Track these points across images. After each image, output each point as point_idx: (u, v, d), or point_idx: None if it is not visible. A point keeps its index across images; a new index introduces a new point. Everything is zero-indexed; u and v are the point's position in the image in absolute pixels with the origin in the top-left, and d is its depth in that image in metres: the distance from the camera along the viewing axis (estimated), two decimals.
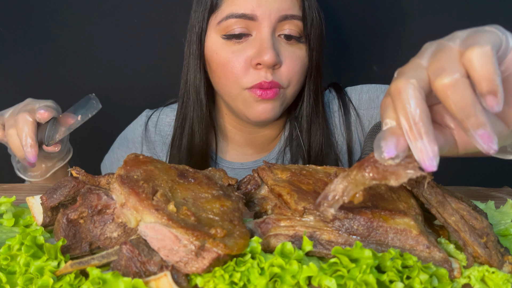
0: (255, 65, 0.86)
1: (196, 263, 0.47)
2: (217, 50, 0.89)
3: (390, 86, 0.42)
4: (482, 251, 0.51)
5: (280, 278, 0.46)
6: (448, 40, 0.44)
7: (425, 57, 0.43)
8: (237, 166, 1.04)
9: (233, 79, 0.88)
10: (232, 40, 0.87)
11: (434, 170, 0.40)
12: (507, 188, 0.89)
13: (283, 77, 0.88)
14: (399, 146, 0.40)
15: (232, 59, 0.87)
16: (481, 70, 0.39)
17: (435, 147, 0.39)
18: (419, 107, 0.40)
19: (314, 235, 0.52)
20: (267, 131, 1.03)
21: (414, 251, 0.52)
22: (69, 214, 0.53)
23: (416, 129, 0.39)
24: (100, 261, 0.49)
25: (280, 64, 0.87)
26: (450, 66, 0.40)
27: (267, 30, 0.85)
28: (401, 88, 0.40)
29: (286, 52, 0.88)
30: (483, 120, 0.39)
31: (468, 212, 0.54)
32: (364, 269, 0.45)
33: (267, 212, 0.58)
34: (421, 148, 0.39)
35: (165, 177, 0.55)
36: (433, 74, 0.41)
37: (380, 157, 0.41)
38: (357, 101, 1.05)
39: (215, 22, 0.88)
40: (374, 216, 0.52)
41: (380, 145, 0.41)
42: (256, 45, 0.86)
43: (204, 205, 0.52)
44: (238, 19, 0.85)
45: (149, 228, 0.48)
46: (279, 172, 0.60)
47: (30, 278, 0.47)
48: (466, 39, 0.42)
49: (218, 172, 0.61)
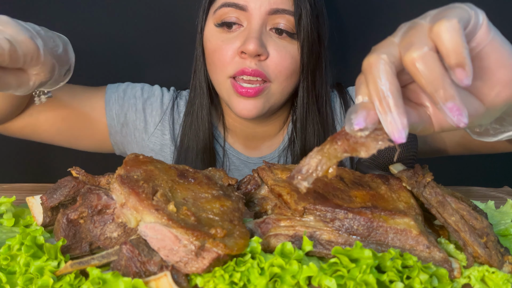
0: (240, 53, 0.88)
1: (196, 263, 0.47)
2: (210, 37, 0.92)
3: (363, 62, 0.43)
4: (482, 251, 0.51)
5: (280, 278, 0.46)
6: (420, 18, 0.45)
7: (398, 35, 0.44)
8: (244, 158, 1.05)
9: (220, 66, 0.90)
10: (224, 29, 0.90)
11: (403, 141, 0.40)
12: (507, 188, 0.89)
13: (270, 69, 0.88)
14: (369, 119, 0.41)
15: (221, 46, 0.89)
16: (448, 42, 0.40)
17: (404, 120, 0.40)
18: (389, 81, 0.40)
19: (314, 235, 0.52)
20: (266, 127, 1.03)
21: (414, 251, 0.52)
22: (69, 214, 0.53)
23: (385, 102, 0.40)
24: (100, 261, 0.49)
25: (266, 55, 0.88)
26: (419, 40, 0.41)
27: (257, 21, 0.87)
28: (372, 64, 0.42)
29: (275, 45, 0.88)
30: (452, 92, 0.40)
31: (468, 212, 0.54)
32: (364, 269, 0.45)
33: (267, 212, 0.58)
34: (391, 121, 0.40)
35: (165, 177, 0.55)
36: (403, 49, 0.42)
37: (350, 129, 0.42)
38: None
39: (212, 11, 0.92)
40: (374, 216, 0.52)
41: (350, 118, 0.42)
42: (244, 35, 0.88)
43: (204, 205, 0.52)
44: (231, 8, 0.88)
45: (149, 228, 0.48)
46: (279, 172, 0.60)
47: (30, 278, 0.47)
48: (435, 15, 0.44)
49: (218, 172, 0.61)
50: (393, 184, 0.59)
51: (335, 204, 0.53)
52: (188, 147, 1.01)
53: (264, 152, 1.06)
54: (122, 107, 1.02)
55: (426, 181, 0.56)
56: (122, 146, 1.06)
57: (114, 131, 1.03)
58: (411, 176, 0.58)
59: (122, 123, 1.02)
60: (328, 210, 0.53)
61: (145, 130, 1.04)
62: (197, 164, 1.00)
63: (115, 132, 1.03)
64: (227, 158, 1.04)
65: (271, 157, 1.05)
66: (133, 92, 1.04)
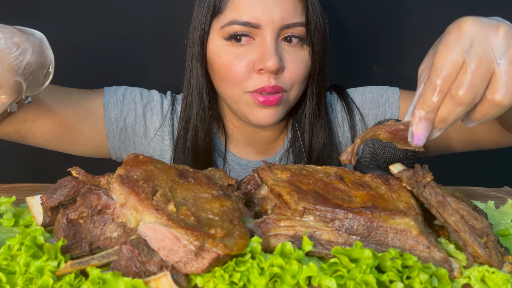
0: (258, 70, 0.86)
1: (195, 263, 0.47)
2: (219, 53, 0.89)
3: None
4: (482, 251, 0.51)
5: (280, 278, 0.46)
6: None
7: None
8: (244, 163, 1.05)
9: (236, 82, 0.88)
10: (233, 42, 0.88)
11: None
12: (507, 188, 0.89)
13: (286, 81, 0.88)
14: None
15: (235, 62, 0.87)
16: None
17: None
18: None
19: (314, 235, 0.52)
20: (268, 132, 1.03)
21: (414, 251, 0.52)
22: (69, 214, 0.53)
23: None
24: (100, 261, 0.49)
25: (283, 69, 0.87)
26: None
27: (271, 37, 0.85)
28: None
29: (289, 56, 0.88)
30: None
31: (468, 212, 0.54)
32: (364, 269, 0.45)
33: (267, 212, 0.58)
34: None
35: (165, 177, 0.55)
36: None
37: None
38: (361, 101, 1.06)
39: (218, 27, 0.89)
40: (374, 216, 0.52)
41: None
42: (259, 50, 0.86)
43: (204, 205, 0.52)
44: (241, 26, 0.86)
45: (149, 228, 0.48)
46: (279, 172, 0.60)
47: (30, 278, 0.47)
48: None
49: (218, 172, 0.61)
50: (393, 184, 0.59)
51: (335, 204, 0.53)
52: (184, 158, 0.99)
53: (265, 156, 1.06)
54: (121, 111, 1.00)
55: (426, 181, 0.56)
56: (119, 151, 1.04)
57: (112, 135, 1.00)
58: (411, 176, 0.58)
59: (121, 127, 1.00)
60: (328, 210, 0.53)
61: (144, 135, 1.02)
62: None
63: (113, 137, 1.01)
64: (227, 165, 1.04)
65: (272, 160, 1.05)
66: (132, 96, 1.02)
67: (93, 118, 0.98)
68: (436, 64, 0.51)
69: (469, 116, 0.54)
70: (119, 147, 1.03)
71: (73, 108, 0.94)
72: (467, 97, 0.49)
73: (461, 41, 0.50)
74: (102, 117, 0.98)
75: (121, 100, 1.00)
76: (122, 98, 1.00)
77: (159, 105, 1.03)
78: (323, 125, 0.99)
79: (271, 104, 0.88)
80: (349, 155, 0.56)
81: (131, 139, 1.02)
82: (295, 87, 0.91)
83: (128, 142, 1.03)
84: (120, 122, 1.00)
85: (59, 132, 0.94)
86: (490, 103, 0.50)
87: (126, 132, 1.01)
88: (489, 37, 0.49)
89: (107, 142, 1.01)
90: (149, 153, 1.03)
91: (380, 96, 1.05)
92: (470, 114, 0.53)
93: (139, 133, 1.02)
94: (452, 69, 0.50)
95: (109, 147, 1.02)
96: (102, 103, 0.99)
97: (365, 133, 0.56)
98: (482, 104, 0.51)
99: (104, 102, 0.99)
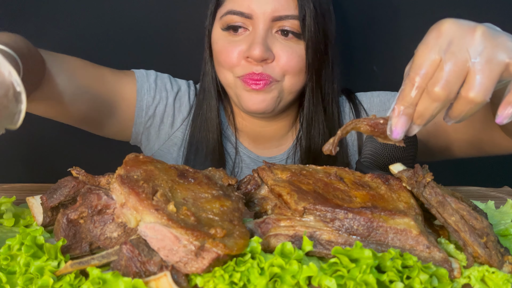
0: (246, 58, 0.90)
1: (195, 263, 0.47)
2: (217, 40, 0.95)
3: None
4: (482, 251, 0.51)
5: (280, 278, 0.46)
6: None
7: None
8: (254, 156, 1.06)
9: (227, 67, 0.93)
10: (230, 32, 0.93)
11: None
12: (507, 188, 0.89)
13: (276, 70, 0.91)
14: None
15: (228, 48, 0.92)
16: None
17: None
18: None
19: (314, 235, 0.52)
20: (274, 126, 1.04)
21: (414, 251, 0.52)
22: (69, 214, 0.53)
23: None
24: (100, 261, 0.49)
25: (272, 58, 0.91)
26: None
27: (262, 27, 0.89)
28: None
29: (281, 46, 0.91)
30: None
31: (468, 212, 0.54)
32: (364, 269, 0.45)
33: (267, 212, 0.58)
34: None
35: (165, 177, 0.55)
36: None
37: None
38: (368, 104, 1.08)
39: (219, 16, 0.94)
40: (374, 216, 0.52)
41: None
42: (249, 39, 0.90)
43: (204, 205, 0.52)
44: (236, 16, 0.91)
45: (149, 228, 0.48)
46: (279, 172, 0.60)
47: (30, 278, 0.47)
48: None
49: (218, 172, 0.61)
50: (393, 184, 0.59)
51: (335, 204, 0.53)
52: (197, 149, 1.02)
53: (273, 153, 1.07)
54: (153, 99, 1.02)
55: (426, 181, 0.56)
56: (141, 136, 1.05)
57: (139, 121, 1.02)
58: (411, 176, 0.58)
59: (150, 115, 1.02)
60: (328, 210, 0.53)
61: (171, 125, 1.04)
62: (206, 166, 0.99)
63: (139, 123, 1.02)
64: (239, 156, 1.05)
65: (280, 158, 1.06)
66: (163, 84, 1.04)
67: (125, 104, 0.99)
68: (415, 62, 0.53)
69: (447, 113, 0.56)
70: (143, 132, 1.04)
71: (107, 94, 0.95)
72: (442, 93, 0.51)
73: (439, 41, 0.52)
74: (133, 103, 1.00)
75: (154, 88, 1.02)
76: (155, 85, 1.02)
77: (187, 95, 1.06)
78: (321, 122, 1.00)
79: (259, 89, 0.91)
80: (330, 145, 0.58)
81: (157, 127, 1.04)
82: (288, 78, 0.93)
83: (153, 129, 1.04)
84: (150, 109, 1.02)
85: (91, 115, 0.95)
86: (465, 100, 0.52)
87: (153, 119, 1.03)
88: (466, 37, 0.52)
89: (133, 127, 1.02)
90: (173, 142, 1.05)
91: (387, 100, 1.07)
92: (449, 111, 0.55)
93: (166, 122, 1.04)
94: (429, 67, 0.52)
95: (133, 131, 1.03)
96: (135, 88, 1.00)
97: (346, 125, 0.57)
98: (457, 101, 0.53)
99: (137, 88, 1.00)
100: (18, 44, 0.64)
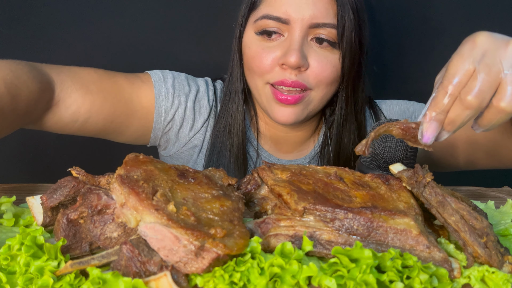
0: (281, 64, 0.89)
1: (195, 263, 0.47)
2: (250, 44, 0.93)
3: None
4: (482, 251, 0.51)
5: (280, 278, 0.46)
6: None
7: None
8: (274, 160, 1.06)
9: (259, 73, 0.92)
10: (264, 37, 0.91)
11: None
12: (507, 188, 0.89)
13: (310, 79, 0.90)
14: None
15: (262, 54, 0.91)
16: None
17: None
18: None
19: (314, 235, 0.52)
20: (298, 133, 1.04)
21: (414, 251, 0.52)
22: (69, 214, 0.53)
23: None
24: (100, 261, 0.49)
25: (306, 66, 0.89)
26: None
27: (298, 34, 0.88)
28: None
29: (316, 56, 0.89)
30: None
31: (468, 212, 0.54)
32: (364, 269, 0.45)
33: (267, 212, 0.58)
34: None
35: (165, 177, 0.55)
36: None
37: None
38: (388, 111, 1.09)
39: (253, 20, 0.93)
40: (374, 216, 0.52)
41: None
42: (285, 45, 0.89)
43: (204, 205, 0.52)
44: (272, 21, 0.89)
45: (149, 228, 0.48)
46: (279, 172, 0.60)
47: (30, 278, 0.47)
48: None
49: (218, 172, 0.61)
50: (393, 184, 0.59)
51: (335, 204, 0.53)
52: (220, 150, 1.00)
53: (294, 157, 1.06)
54: (172, 104, 0.99)
55: (426, 181, 0.56)
56: (158, 141, 1.04)
57: (158, 127, 1.00)
58: (411, 176, 0.58)
59: (169, 120, 1.00)
60: (328, 210, 0.53)
61: (191, 127, 1.03)
62: (229, 168, 0.99)
63: (158, 128, 1.01)
64: (260, 159, 1.05)
65: (301, 162, 1.06)
66: (181, 87, 1.01)
67: (143, 111, 0.98)
68: (450, 71, 0.55)
69: (477, 122, 0.58)
70: (161, 137, 1.03)
71: (125, 105, 0.94)
72: (475, 102, 0.54)
73: (474, 52, 0.54)
74: (152, 110, 0.98)
75: (172, 92, 1.00)
76: (173, 90, 1.00)
77: (206, 96, 1.04)
78: (352, 132, 1.00)
79: (289, 103, 0.90)
80: (363, 146, 0.60)
81: (176, 131, 1.02)
82: (321, 88, 0.92)
83: (172, 132, 1.02)
84: (169, 115, 1.00)
85: (109, 127, 0.95)
86: (496, 109, 0.54)
87: (173, 123, 1.01)
88: (499, 50, 0.54)
89: (151, 133, 1.01)
90: (193, 144, 1.04)
91: (407, 109, 1.08)
92: (478, 120, 0.58)
93: (186, 126, 1.02)
94: (463, 76, 0.54)
95: (152, 136, 1.02)
96: (153, 95, 0.98)
97: (379, 128, 0.59)
98: (488, 110, 0.55)
99: (155, 94, 0.98)
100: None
